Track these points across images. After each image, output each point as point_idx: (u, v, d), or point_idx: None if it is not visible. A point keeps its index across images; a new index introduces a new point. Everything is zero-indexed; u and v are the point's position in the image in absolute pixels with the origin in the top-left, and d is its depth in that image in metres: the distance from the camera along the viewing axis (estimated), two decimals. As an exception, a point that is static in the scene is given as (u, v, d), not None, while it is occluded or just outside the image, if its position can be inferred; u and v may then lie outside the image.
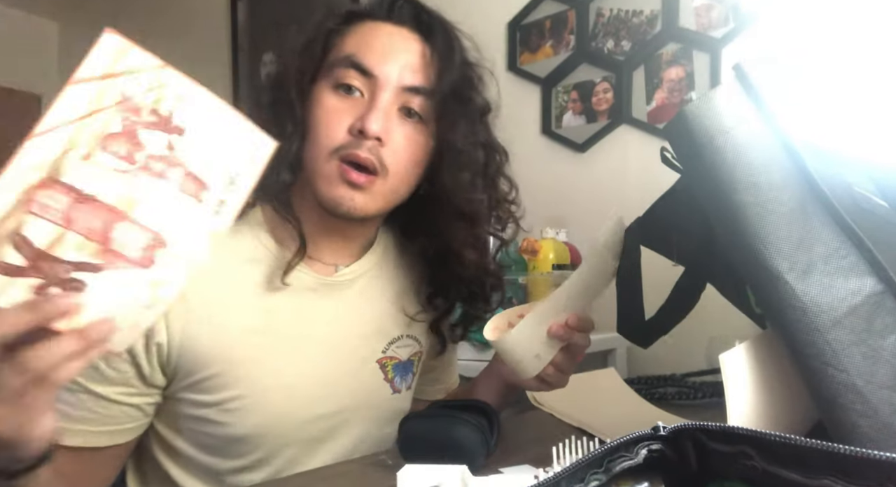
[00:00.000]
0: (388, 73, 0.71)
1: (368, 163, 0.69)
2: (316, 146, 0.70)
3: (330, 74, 0.72)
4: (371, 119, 0.68)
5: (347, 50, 0.72)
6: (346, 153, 0.69)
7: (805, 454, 0.35)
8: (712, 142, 0.51)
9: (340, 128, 0.70)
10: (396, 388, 0.82)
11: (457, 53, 0.76)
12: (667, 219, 0.71)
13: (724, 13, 1.54)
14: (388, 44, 0.73)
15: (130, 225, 0.47)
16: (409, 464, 0.52)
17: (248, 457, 0.72)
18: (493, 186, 0.80)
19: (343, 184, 0.70)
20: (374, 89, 0.71)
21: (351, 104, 0.71)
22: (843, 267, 0.47)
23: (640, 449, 0.40)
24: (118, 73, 0.46)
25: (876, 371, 0.45)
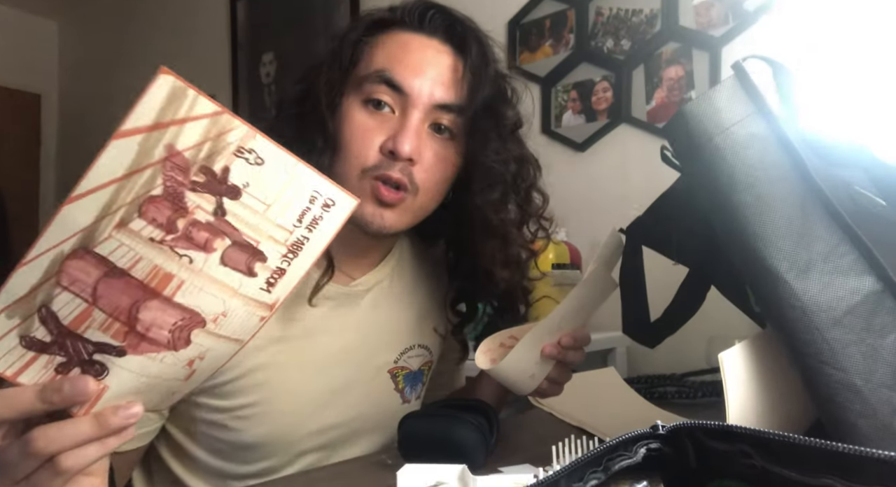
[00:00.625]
0: (420, 90, 0.69)
1: (401, 183, 0.69)
2: (347, 164, 0.69)
3: (360, 89, 0.70)
4: (404, 141, 0.67)
5: (377, 64, 0.70)
6: (379, 174, 0.68)
7: (804, 453, 0.35)
8: (711, 140, 0.51)
9: (372, 146, 0.69)
10: (406, 398, 0.82)
11: (490, 67, 0.73)
12: (667, 218, 0.71)
13: (724, 12, 1.54)
14: (420, 58, 0.70)
15: (161, 304, 0.42)
16: (408, 464, 0.53)
17: (258, 465, 0.72)
18: (526, 202, 0.79)
19: (374, 203, 0.69)
20: (406, 106, 0.69)
21: (381, 120, 0.69)
22: (842, 266, 0.47)
23: (639, 448, 0.40)
24: (168, 123, 0.39)
25: (875, 370, 0.45)
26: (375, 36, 0.72)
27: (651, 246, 0.76)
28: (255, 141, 0.42)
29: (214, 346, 0.45)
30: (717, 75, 1.53)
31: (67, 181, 3.83)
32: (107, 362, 0.43)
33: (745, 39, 1.50)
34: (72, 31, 3.64)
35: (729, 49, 1.52)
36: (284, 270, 0.45)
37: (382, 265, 0.81)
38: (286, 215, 0.44)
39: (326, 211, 0.45)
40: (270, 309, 0.46)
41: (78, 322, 0.41)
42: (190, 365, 0.45)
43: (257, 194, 0.42)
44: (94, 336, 0.42)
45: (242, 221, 0.43)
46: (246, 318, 0.45)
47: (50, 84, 3.67)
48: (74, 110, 3.57)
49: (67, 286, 0.40)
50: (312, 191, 0.44)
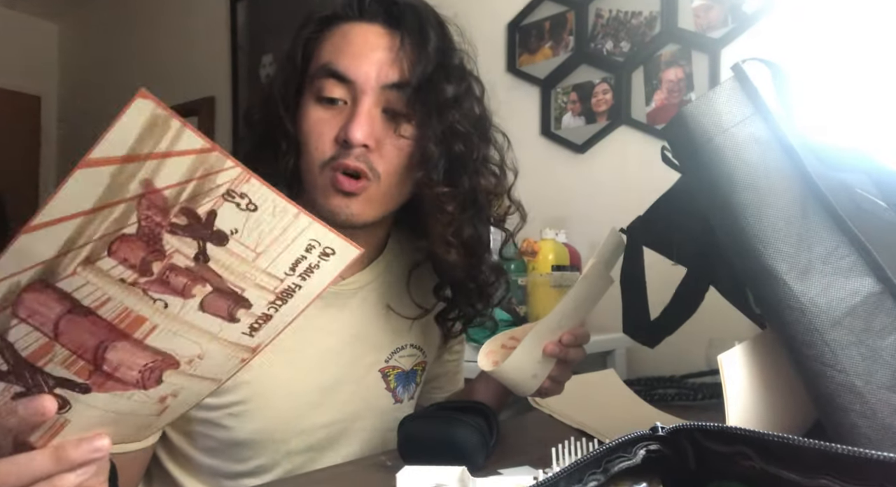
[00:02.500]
0: (365, 75, 0.69)
1: (359, 170, 0.68)
2: (307, 161, 0.70)
3: (312, 86, 0.71)
4: (355, 128, 0.67)
5: (324, 59, 0.71)
6: (336, 163, 0.68)
7: (803, 454, 0.35)
8: (711, 142, 0.51)
9: (327, 139, 0.69)
10: (398, 398, 0.81)
11: (431, 41, 0.71)
12: (667, 219, 0.71)
13: (723, 14, 1.54)
14: (361, 44, 0.70)
15: (131, 345, 0.39)
16: (408, 465, 0.52)
17: (250, 463, 0.73)
18: (476, 177, 0.74)
19: (337, 194, 0.69)
20: (355, 94, 0.69)
21: (335, 113, 0.70)
22: (842, 268, 0.47)
23: (638, 450, 0.40)
24: (145, 156, 0.34)
25: (875, 371, 0.45)
26: (322, 32, 0.73)
27: (651, 246, 0.76)
28: (249, 185, 0.37)
29: (188, 385, 0.42)
30: (716, 77, 1.54)
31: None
32: (69, 397, 0.39)
33: (744, 41, 1.50)
34: (72, 33, 3.64)
35: (728, 51, 1.52)
36: (271, 316, 0.42)
37: (374, 265, 0.80)
38: (278, 264, 0.40)
39: (324, 259, 0.41)
40: (252, 352, 0.43)
41: (37, 355, 0.38)
42: (162, 402, 0.43)
43: (247, 241, 0.38)
44: (55, 371, 0.38)
45: (227, 268, 0.39)
46: (224, 361, 0.42)
47: (50, 86, 3.67)
48: (74, 112, 3.57)
49: (25, 318, 0.37)
50: (310, 240, 0.40)
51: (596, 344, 1.47)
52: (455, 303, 0.82)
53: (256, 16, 2.70)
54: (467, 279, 0.77)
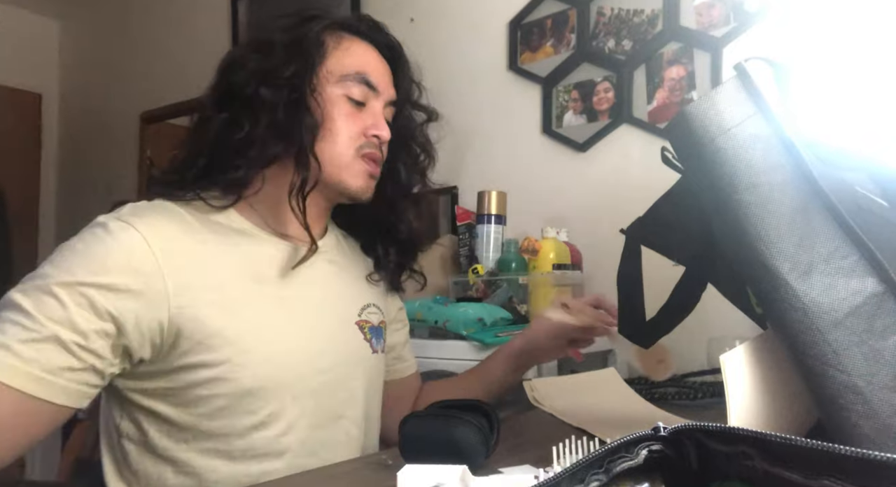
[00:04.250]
0: (385, 90, 0.89)
1: (380, 158, 0.88)
2: (340, 145, 0.84)
3: (342, 84, 0.85)
4: (384, 128, 0.87)
5: (354, 67, 0.86)
6: (368, 152, 0.86)
7: (805, 454, 0.35)
8: (713, 141, 0.51)
9: (359, 131, 0.86)
10: (374, 349, 0.92)
11: (410, 75, 0.95)
12: (667, 218, 0.71)
13: (725, 12, 1.53)
14: (383, 67, 0.90)
15: None
16: (409, 464, 0.52)
17: (261, 412, 0.76)
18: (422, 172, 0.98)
19: (368, 178, 0.87)
20: (374, 101, 0.88)
21: (360, 110, 0.87)
22: (844, 268, 0.47)
23: (640, 450, 0.40)
24: None
25: (876, 371, 0.45)
26: (337, 38, 0.87)
27: (651, 246, 0.76)
28: None
29: None
30: (718, 75, 1.53)
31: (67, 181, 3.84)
32: None
33: (746, 40, 1.50)
34: (73, 30, 3.64)
35: (730, 49, 1.52)
36: None
37: (330, 232, 0.94)
38: None
39: None
40: None
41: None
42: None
43: None
44: None
45: None
46: None
47: (51, 83, 3.67)
48: (75, 110, 3.57)
49: None
50: None
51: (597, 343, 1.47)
52: (384, 258, 1.00)
53: (257, 15, 2.70)
54: (408, 240, 0.98)
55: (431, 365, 1.39)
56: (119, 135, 3.22)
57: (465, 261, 1.71)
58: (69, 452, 2.62)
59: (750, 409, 0.51)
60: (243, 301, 0.77)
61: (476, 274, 1.55)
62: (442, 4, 2.07)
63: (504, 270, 1.55)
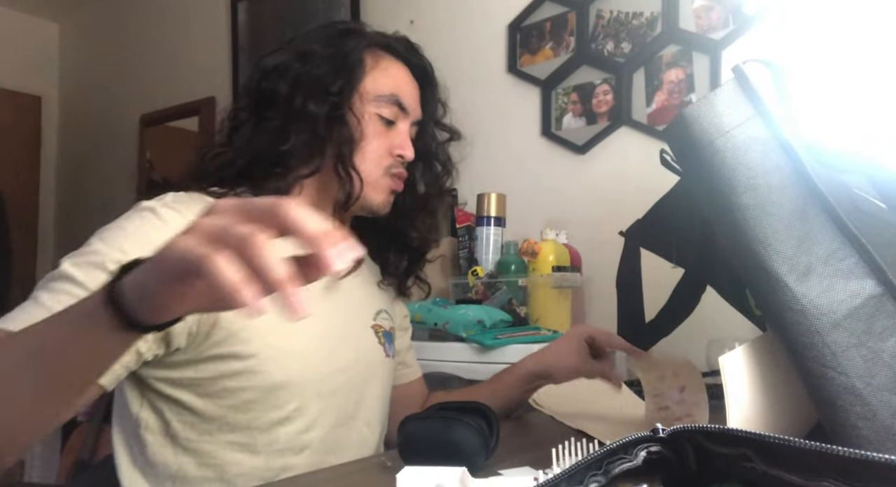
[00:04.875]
0: (413, 111, 0.92)
1: (405, 177, 0.92)
2: (373, 164, 0.88)
3: (376, 103, 0.88)
4: (410, 149, 0.90)
5: (389, 88, 0.89)
6: (396, 172, 0.90)
7: (804, 456, 0.35)
8: (712, 144, 0.51)
9: (389, 150, 0.89)
10: (387, 353, 0.94)
11: (435, 99, 0.99)
12: (666, 220, 0.71)
13: (724, 15, 1.54)
14: (413, 88, 0.94)
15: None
16: (408, 466, 0.52)
17: (287, 407, 0.78)
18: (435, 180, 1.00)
19: (389, 193, 0.91)
20: (403, 122, 0.91)
21: (389, 130, 0.91)
22: (843, 270, 0.47)
23: (639, 451, 0.40)
24: None
25: (875, 373, 0.45)
26: (375, 57, 0.90)
27: (650, 248, 0.76)
28: None
29: None
30: (717, 78, 1.54)
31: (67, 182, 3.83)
32: None
33: (745, 42, 1.50)
34: (73, 33, 3.64)
35: (729, 52, 1.52)
36: None
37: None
38: None
39: None
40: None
41: None
42: None
43: None
44: None
45: None
46: None
47: (51, 86, 3.67)
48: (75, 112, 3.57)
49: None
50: None
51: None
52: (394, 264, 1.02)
53: (257, 16, 2.70)
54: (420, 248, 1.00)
55: (431, 368, 1.39)
56: (119, 138, 3.22)
57: (464, 263, 1.71)
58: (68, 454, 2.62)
59: (749, 411, 0.51)
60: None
61: (475, 276, 1.55)
62: (442, 7, 2.08)
63: (503, 272, 1.55)
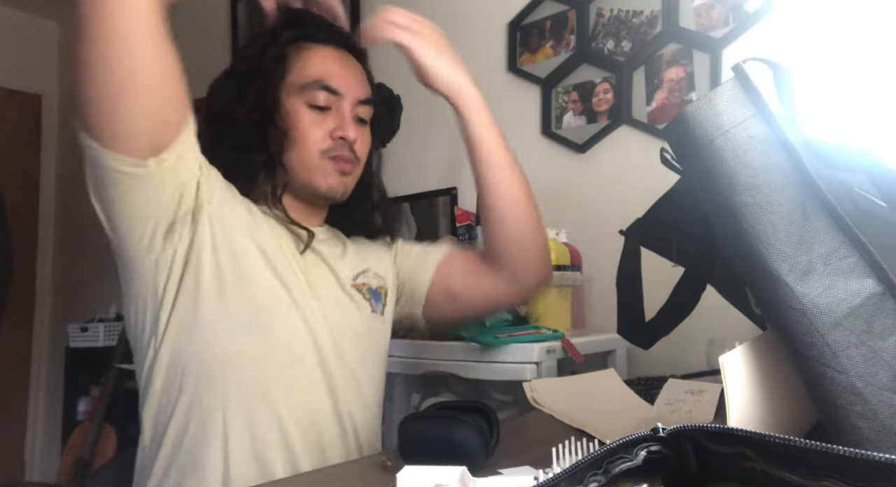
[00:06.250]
0: (348, 91, 0.93)
1: (351, 158, 0.93)
2: (306, 151, 0.91)
3: (302, 94, 0.91)
4: (349, 129, 0.91)
5: (314, 74, 0.91)
6: (335, 154, 0.91)
7: (804, 455, 0.35)
8: (712, 142, 0.51)
9: (324, 134, 0.91)
10: (374, 308, 0.98)
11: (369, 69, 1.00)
12: (667, 219, 0.71)
13: (724, 13, 1.54)
14: (344, 66, 0.94)
15: None
16: (408, 465, 0.52)
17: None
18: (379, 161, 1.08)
19: (336, 175, 0.92)
20: (340, 104, 0.92)
21: (324, 115, 0.92)
22: (843, 269, 0.47)
23: (639, 451, 0.40)
24: None
25: (876, 372, 0.45)
26: (298, 49, 0.93)
27: (650, 247, 0.76)
28: None
29: None
30: (717, 77, 1.54)
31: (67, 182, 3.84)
32: None
33: (745, 41, 1.50)
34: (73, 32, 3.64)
35: (729, 51, 1.52)
36: None
37: (327, 227, 1.02)
38: None
39: None
40: None
41: None
42: None
43: None
44: None
45: None
46: None
47: (51, 85, 3.67)
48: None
49: None
50: None
51: (597, 343, 1.47)
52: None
53: (257, 16, 2.69)
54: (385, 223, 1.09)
55: (431, 366, 1.39)
56: (119, 137, 3.22)
57: (464, 262, 1.71)
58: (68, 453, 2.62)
59: (749, 410, 0.51)
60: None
61: (476, 275, 1.55)
62: (441, 6, 2.08)
63: (504, 271, 1.55)
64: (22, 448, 3.44)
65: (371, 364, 0.97)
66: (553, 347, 1.32)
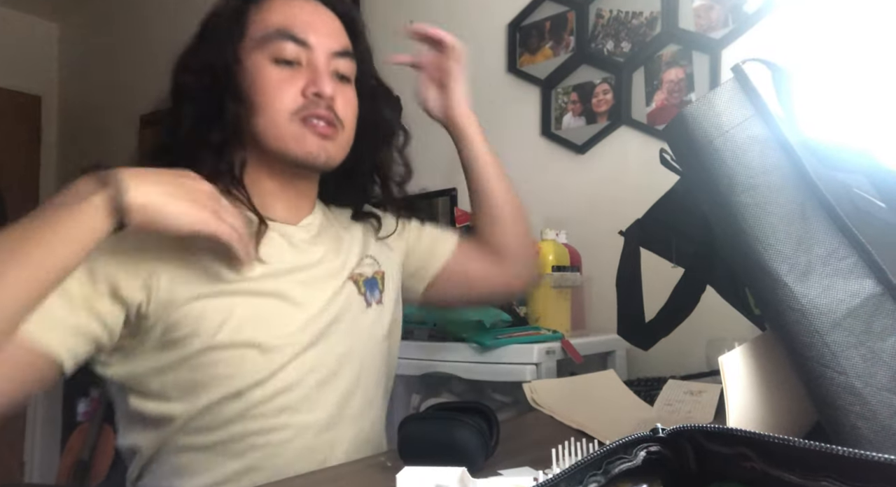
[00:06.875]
0: (320, 42, 0.79)
1: (330, 118, 0.78)
2: (273, 112, 0.76)
3: (264, 48, 0.78)
4: (324, 83, 0.77)
5: (276, 24, 0.78)
6: (308, 113, 0.77)
7: (804, 455, 0.35)
8: (711, 143, 0.51)
9: (293, 92, 0.77)
10: (369, 302, 0.89)
11: (359, 22, 0.87)
12: (666, 220, 0.71)
13: (724, 14, 1.54)
14: (313, 15, 0.81)
15: None
16: (408, 466, 0.52)
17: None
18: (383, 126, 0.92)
19: (314, 137, 0.77)
20: (311, 57, 0.78)
21: (293, 71, 0.78)
22: (842, 269, 0.47)
23: (639, 451, 0.40)
24: None
25: (875, 373, 0.45)
26: (258, 4, 0.81)
27: (649, 247, 0.76)
28: None
29: None
30: (717, 77, 1.54)
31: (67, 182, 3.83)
32: None
33: (744, 42, 1.50)
34: (72, 32, 3.64)
35: (729, 51, 1.52)
36: None
37: (315, 212, 0.89)
38: None
39: None
40: None
41: None
42: None
43: None
44: None
45: None
46: None
47: (50, 86, 3.67)
48: (75, 112, 3.57)
49: None
50: None
51: (596, 344, 1.47)
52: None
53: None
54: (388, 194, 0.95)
55: (431, 367, 1.39)
56: (118, 138, 3.22)
57: (464, 263, 1.71)
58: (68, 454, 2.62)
59: (748, 411, 0.51)
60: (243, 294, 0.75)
61: (475, 275, 1.55)
62: (441, 6, 2.08)
63: (503, 272, 1.55)
64: (21, 450, 3.44)
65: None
66: (553, 348, 1.32)
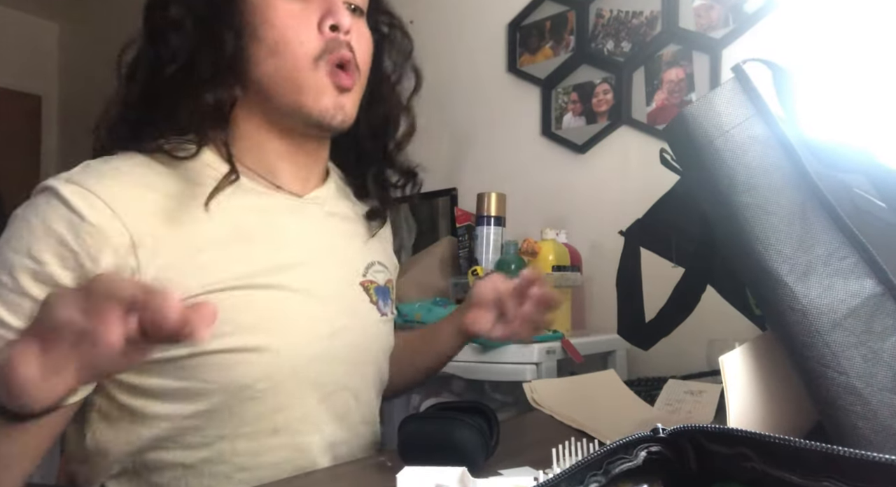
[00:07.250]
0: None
1: (351, 61, 0.68)
2: (293, 57, 0.66)
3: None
4: (340, 13, 0.66)
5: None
6: (333, 56, 0.66)
7: (804, 455, 0.35)
8: (712, 143, 0.51)
9: (311, 30, 0.66)
10: (382, 311, 0.81)
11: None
12: (666, 220, 0.71)
13: (724, 14, 1.54)
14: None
15: None
16: (408, 466, 0.52)
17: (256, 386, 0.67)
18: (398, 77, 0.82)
19: (335, 92, 0.67)
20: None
21: (303, 6, 0.67)
22: (843, 269, 0.47)
23: (639, 451, 0.40)
24: None
25: (875, 373, 0.45)
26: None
27: (649, 247, 0.76)
28: None
29: None
30: (717, 77, 1.54)
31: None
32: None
33: (745, 41, 1.50)
34: (72, 32, 3.64)
35: (729, 51, 1.52)
36: None
37: (328, 183, 0.80)
38: None
39: None
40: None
41: None
42: None
43: None
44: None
45: None
46: None
47: (50, 86, 3.67)
48: (75, 112, 3.57)
49: None
50: None
51: (597, 344, 1.47)
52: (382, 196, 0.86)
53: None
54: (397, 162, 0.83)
55: (431, 367, 1.39)
56: (118, 137, 3.23)
57: (464, 263, 1.71)
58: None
59: (749, 411, 0.51)
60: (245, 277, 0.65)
61: (475, 275, 1.55)
62: (442, 7, 2.08)
63: (503, 272, 1.55)
64: (22, 449, 3.44)
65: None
66: (553, 348, 1.32)
